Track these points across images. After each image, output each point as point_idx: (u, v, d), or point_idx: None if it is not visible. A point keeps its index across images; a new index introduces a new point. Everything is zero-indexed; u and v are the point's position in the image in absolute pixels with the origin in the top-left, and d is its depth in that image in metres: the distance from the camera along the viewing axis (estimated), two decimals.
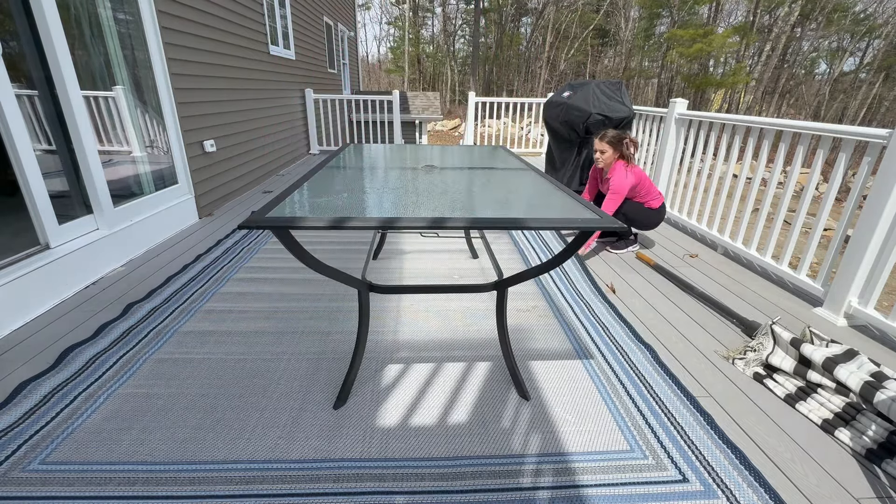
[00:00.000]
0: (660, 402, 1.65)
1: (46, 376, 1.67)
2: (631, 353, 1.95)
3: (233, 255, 2.92)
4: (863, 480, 1.33)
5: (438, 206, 1.46)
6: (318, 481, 1.27)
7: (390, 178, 1.92)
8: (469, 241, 3.10)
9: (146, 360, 1.80)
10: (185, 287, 2.43)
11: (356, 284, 1.54)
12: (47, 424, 1.45)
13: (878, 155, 2.13)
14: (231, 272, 2.65)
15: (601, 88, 4.40)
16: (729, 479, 1.33)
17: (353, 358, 1.63)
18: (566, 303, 2.39)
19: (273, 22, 5.56)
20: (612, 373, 1.82)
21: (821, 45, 23.72)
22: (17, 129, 2.08)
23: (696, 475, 1.34)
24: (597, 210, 1.40)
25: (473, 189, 1.79)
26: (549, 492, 1.26)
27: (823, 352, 1.67)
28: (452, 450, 1.40)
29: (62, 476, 1.26)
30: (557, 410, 1.60)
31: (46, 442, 1.38)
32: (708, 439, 1.48)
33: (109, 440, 1.40)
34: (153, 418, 1.49)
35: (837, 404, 1.55)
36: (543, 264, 1.49)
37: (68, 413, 1.50)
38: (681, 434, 1.50)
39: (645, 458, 1.40)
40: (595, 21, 28.49)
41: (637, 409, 1.62)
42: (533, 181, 1.88)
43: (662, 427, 1.53)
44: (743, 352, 1.93)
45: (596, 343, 2.02)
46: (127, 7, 2.97)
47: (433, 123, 19.75)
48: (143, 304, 2.23)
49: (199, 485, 1.25)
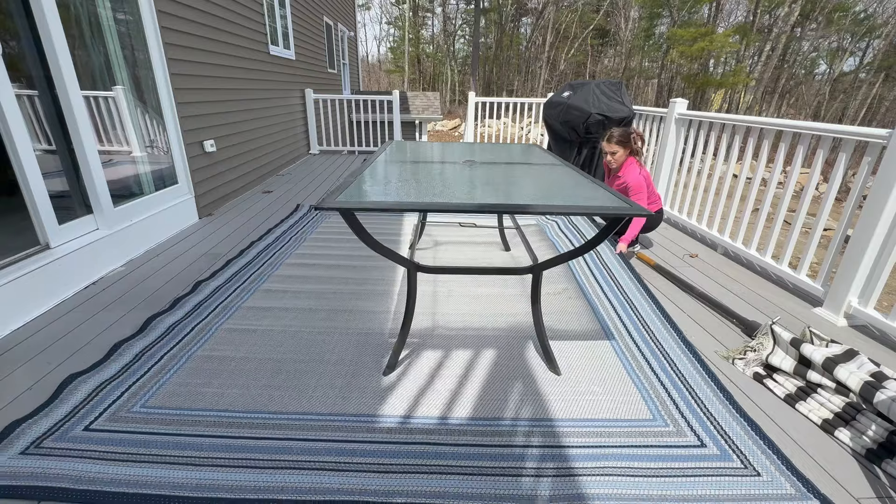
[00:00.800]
0: (681, 377, 1.78)
1: (136, 338, 1.93)
2: (657, 332, 2.10)
3: (283, 242, 3.15)
4: (863, 480, 1.33)
5: (484, 195, 1.68)
6: (373, 432, 1.45)
7: (435, 171, 2.09)
8: (502, 233, 3.24)
9: (217, 328, 2.04)
10: (243, 269, 2.68)
11: (407, 265, 1.74)
12: (141, 377, 1.69)
13: (878, 155, 2.13)
14: (284, 257, 2.89)
15: (601, 88, 4.41)
16: (744, 445, 1.45)
17: (402, 330, 1.82)
18: (594, 280, 2.64)
19: (273, 22, 5.56)
20: (636, 349, 1.97)
21: (821, 45, 23.72)
22: (17, 129, 2.08)
23: (714, 441, 1.47)
24: (626, 199, 1.52)
25: (515, 181, 1.98)
26: (577, 450, 1.41)
27: (823, 352, 1.67)
28: (490, 412, 1.56)
29: (160, 417, 1.49)
30: (585, 384, 1.74)
31: (143, 391, 1.61)
32: (725, 412, 1.60)
33: (195, 392, 1.62)
34: (229, 377, 1.71)
35: (837, 404, 1.55)
36: (575, 249, 1.66)
37: (158, 369, 1.74)
38: (700, 406, 1.62)
39: (666, 426, 1.53)
40: (595, 21, 28.49)
41: (660, 382, 1.76)
42: (567, 174, 2.04)
43: (683, 400, 1.66)
44: (743, 352, 1.93)
45: (623, 322, 2.20)
46: (127, 7, 2.97)
47: (433, 123, 19.74)
48: (209, 283, 2.48)
49: (273, 429, 1.45)
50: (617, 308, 2.31)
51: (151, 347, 1.87)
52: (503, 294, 2.44)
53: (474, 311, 2.26)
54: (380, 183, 1.78)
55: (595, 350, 1.95)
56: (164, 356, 1.81)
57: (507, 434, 1.46)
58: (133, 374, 1.70)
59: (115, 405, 1.53)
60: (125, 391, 1.60)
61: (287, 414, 1.52)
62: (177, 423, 1.47)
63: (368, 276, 2.63)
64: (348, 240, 3.25)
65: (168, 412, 1.51)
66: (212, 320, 2.09)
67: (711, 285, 2.65)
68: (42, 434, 1.39)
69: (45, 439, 1.37)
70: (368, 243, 1.54)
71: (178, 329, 2.00)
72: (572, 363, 1.85)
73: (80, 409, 1.50)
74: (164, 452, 1.35)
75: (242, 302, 2.27)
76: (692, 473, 1.34)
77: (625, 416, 1.56)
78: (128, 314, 2.15)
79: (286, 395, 1.61)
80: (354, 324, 2.11)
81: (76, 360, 1.79)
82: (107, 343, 1.91)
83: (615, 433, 1.48)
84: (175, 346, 1.88)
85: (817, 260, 3.74)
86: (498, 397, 1.64)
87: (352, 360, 1.83)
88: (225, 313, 2.16)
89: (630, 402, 1.63)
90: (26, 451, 1.32)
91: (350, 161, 6.51)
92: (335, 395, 1.62)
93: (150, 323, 2.04)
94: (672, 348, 1.96)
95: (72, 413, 1.48)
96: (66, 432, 1.40)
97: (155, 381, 1.66)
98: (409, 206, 1.40)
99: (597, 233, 1.55)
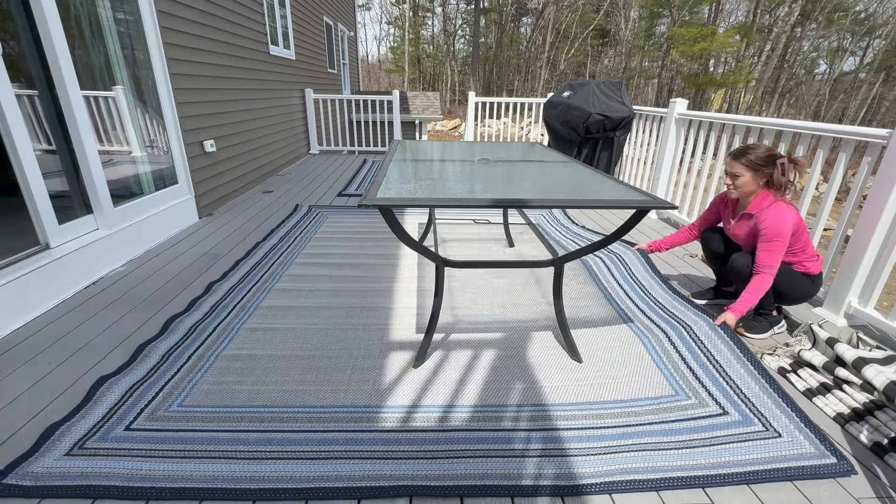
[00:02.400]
0: (699, 343, 1.90)
1: (159, 339, 1.92)
2: (672, 307, 2.23)
3: (288, 242, 3.15)
4: (862, 480, 1.33)
5: (508, 190, 1.78)
6: (411, 422, 1.50)
7: (455, 168, 2.19)
8: (507, 230, 3.30)
9: (240, 328, 2.05)
10: (253, 270, 2.67)
11: (435, 259, 1.80)
12: (173, 377, 1.69)
13: (878, 155, 2.13)
14: (292, 257, 2.90)
15: (601, 88, 4.41)
16: (763, 407, 1.55)
17: (430, 323, 1.86)
18: (606, 268, 2.76)
19: (273, 22, 5.56)
20: (654, 326, 2.07)
21: (821, 45, 23.72)
22: (18, 129, 2.08)
23: (735, 408, 1.56)
24: (647, 192, 1.59)
25: (532, 177, 2.07)
26: (613, 430, 1.47)
27: (856, 352, 1.69)
28: (520, 399, 1.63)
29: (201, 415, 1.51)
30: (608, 367, 1.82)
31: (178, 391, 1.62)
32: (745, 373, 1.71)
33: (230, 390, 1.64)
34: (261, 374, 1.73)
35: (859, 400, 1.58)
36: (596, 243, 1.75)
37: (188, 369, 1.74)
38: (720, 372, 1.73)
39: (689, 398, 1.63)
40: (595, 21, 28.49)
41: (678, 354, 1.87)
42: (579, 171, 2.14)
43: (702, 368, 1.77)
44: (773, 348, 1.97)
45: (638, 306, 2.30)
46: (127, 7, 2.97)
47: (433, 123, 19.74)
48: (221, 284, 2.47)
49: (315, 422, 1.49)
50: (630, 294, 2.43)
51: (176, 348, 1.86)
52: (516, 285, 2.56)
53: (493, 303, 2.35)
54: (409, 181, 1.87)
55: (614, 333, 2.07)
56: (191, 356, 1.82)
57: (540, 419, 1.52)
58: (163, 374, 1.70)
59: (152, 405, 1.54)
60: (159, 391, 1.61)
61: (325, 407, 1.55)
62: (218, 419, 1.48)
63: (380, 274, 2.67)
64: (353, 238, 3.28)
65: (207, 409, 1.53)
66: (232, 320, 2.10)
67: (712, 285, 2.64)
68: (83, 436, 1.39)
69: (88, 440, 1.38)
70: (403, 239, 1.65)
71: (200, 329, 2.01)
72: (593, 347, 1.96)
73: (116, 410, 1.51)
74: (209, 448, 1.36)
75: (259, 301, 2.29)
76: (718, 441, 1.42)
77: (650, 395, 1.65)
78: (128, 314, 2.15)
79: (322, 390, 1.64)
80: (375, 320, 2.15)
81: (76, 360, 1.79)
82: (108, 343, 1.91)
83: (642, 412, 1.56)
84: (200, 346, 1.89)
85: None
86: (526, 384, 1.71)
87: (379, 354, 1.88)
88: (244, 313, 2.17)
89: (653, 382, 1.73)
90: (71, 453, 1.33)
91: (350, 161, 6.51)
92: (371, 388, 1.66)
93: (170, 324, 2.04)
94: (693, 320, 2.06)
95: (108, 414, 1.49)
96: (107, 433, 1.41)
97: (187, 380, 1.68)
98: (446, 203, 1.47)
99: (617, 227, 1.65)
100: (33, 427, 1.44)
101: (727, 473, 1.30)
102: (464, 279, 2.62)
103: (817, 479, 1.31)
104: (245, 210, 3.97)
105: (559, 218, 3.85)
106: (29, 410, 1.52)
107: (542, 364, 1.83)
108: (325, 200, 4.33)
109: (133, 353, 1.82)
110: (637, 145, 4.50)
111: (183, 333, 1.97)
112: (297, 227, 3.47)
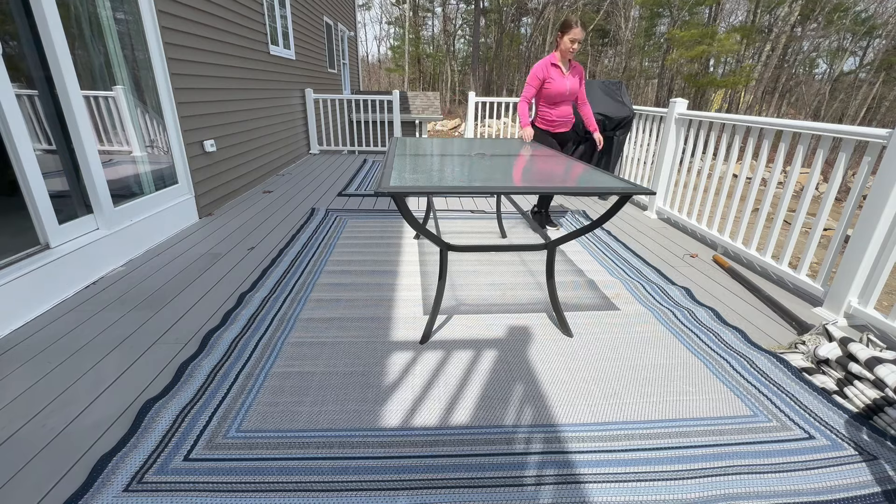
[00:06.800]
0: (760, 371, 1.82)
1: (200, 357, 1.81)
2: (721, 333, 2.16)
3: (312, 249, 3.06)
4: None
5: (508, 181, 1.95)
6: (493, 444, 1.41)
7: (455, 162, 2.29)
8: (500, 221, 3.48)
9: (283, 342, 1.95)
10: (283, 279, 2.57)
11: (440, 244, 1.95)
12: (224, 399, 1.58)
13: (878, 155, 2.13)
14: (321, 265, 2.81)
15: (601, 88, 4.40)
16: (848, 432, 1.48)
17: (434, 303, 2.01)
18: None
19: (273, 22, 5.56)
20: (715, 353, 1.99)
21: (821, 45, 23.71)
22: (18, 129, 2.08)
23: (820, 433, 1.49)
24: (629, 181, 1.78)
25: (527, 169, 2.22)
26: (701, 451, 1.41)
27: (870, 352, 1.71)
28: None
29: (263, 441, 1.40)
30: (677, 383, 1.77)
31: (232, 414, 1.51)
32: (819, 404, 1.63)
33: (289, 411, 1.53)
34: (318, 393, 1.63)
35: (870, 396, 1.60)
36: (586, 226, 1.88)
37: (238, 389, 1.63)
38: (793, 400, 1.65)
39: (769, 421, 1.55)
40: (595, 21, 28.47)
41: (745, 380, 1.78)
42: (571, 164, 2.30)
43: (773, 394, 1.68)
44: (793, 345, 2.00)
45: (684, 323, 2.25)
46: (127, 7, 2.97)
47: (433, 123, 19.73)
48: (252, 294, 2.37)
49: (389, 447, 1.38)
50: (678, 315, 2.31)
51: (221, 366, 1.76)
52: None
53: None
54: (420, 172, 2.00)
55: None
56: (238, 375, 1.71)
57: (640, 437, 1.46)
58: (212, 395, 1.59)
59: (209, 431, 1.44)
60: (213, 415, 1.50)
61: (395, 431, 1.44)
62: (283, 446, 1.38)
63: (413, 282, 2.59)
64: (378, 244, 3.19)
65: (269, 435, 1.42)
66: (273, 334, 2.00)
67: (712, 285, 2.65)
68: (140, 468, 1.29)
69: (146, 473, 1.27)
70: (413, 225, 1.82)
71: (241, 345, 1.90)
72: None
73: (170, 438, 1.40)
74: (281, 479, 1.26)
75: (297, 314, 2.19)
76: (811, 466, 1.36)
77: (726, 414, 1.58)
78: (128, 314, 2.15)
79: (388, 410, 1.53)
80: (419, 332, 2.06)
81: (76, 360, 1.79)
82: (108, 343, 1.91)
83: (723, 431, 1.49)
84: (246, 363, 1.78)
85: (817, 260, 3.75)
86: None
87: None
88: (285, 326, 2.07)
89: (725, 401, 1.65)
90: (129, 488, 1.22)
91: (350, 161, 6.51)
92: (440, 409, 1.55)
93: (209, 339, 1.93)
94: (743, 349, 1.98)
95: (163, 443, 1.38)
96: (165, 464, 1.30)
97: (240, 402, 1.57)
98: (456, 190, 1.60)
99: (605, 211, 1.78)
100: (33, 428, 1.44)
101: (847, 497, 1.25)
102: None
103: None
104: (245, 210, 3.97)
105: (605, 239, 3.85)
106: (28, 412, 1.52)
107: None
108: (326, 200, 4.33)
109: (175, 372, 1.71)
110: (637, 145, 4.50)
111: (224, 350, 1.86)
112: (319, 233, 3.39)
